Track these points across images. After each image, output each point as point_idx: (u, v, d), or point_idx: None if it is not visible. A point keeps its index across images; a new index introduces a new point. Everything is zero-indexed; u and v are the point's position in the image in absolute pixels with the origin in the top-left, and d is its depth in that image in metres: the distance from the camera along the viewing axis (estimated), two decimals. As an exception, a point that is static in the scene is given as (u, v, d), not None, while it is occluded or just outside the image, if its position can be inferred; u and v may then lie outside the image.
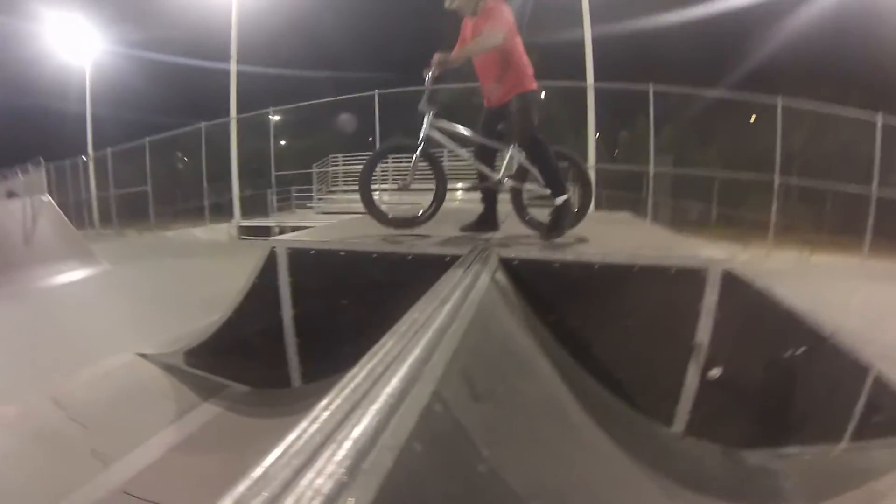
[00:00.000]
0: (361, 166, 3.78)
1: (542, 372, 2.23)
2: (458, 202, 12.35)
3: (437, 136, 3.65)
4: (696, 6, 16.06)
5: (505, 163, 3.78)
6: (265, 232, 14.19)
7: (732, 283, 2.93)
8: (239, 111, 15.45)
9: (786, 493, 2.77)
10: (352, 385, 1.04)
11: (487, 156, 3.82)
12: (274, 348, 3.50)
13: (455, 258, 2.98)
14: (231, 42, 14.87)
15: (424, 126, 3.59)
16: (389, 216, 3.84)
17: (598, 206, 12.63)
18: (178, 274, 9.18)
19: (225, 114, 15.62)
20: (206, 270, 9.47)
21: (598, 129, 13.11)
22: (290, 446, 0.82)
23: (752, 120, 15.87)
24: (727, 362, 3.02)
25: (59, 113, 23.19)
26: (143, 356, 4.11)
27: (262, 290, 3.47)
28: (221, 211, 17.04)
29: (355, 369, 1.11)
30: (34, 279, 7.82)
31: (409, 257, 3.21)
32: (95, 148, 19.89)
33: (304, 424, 0.88)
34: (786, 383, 2.99)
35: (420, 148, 3.58)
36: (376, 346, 1.25)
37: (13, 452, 2.85)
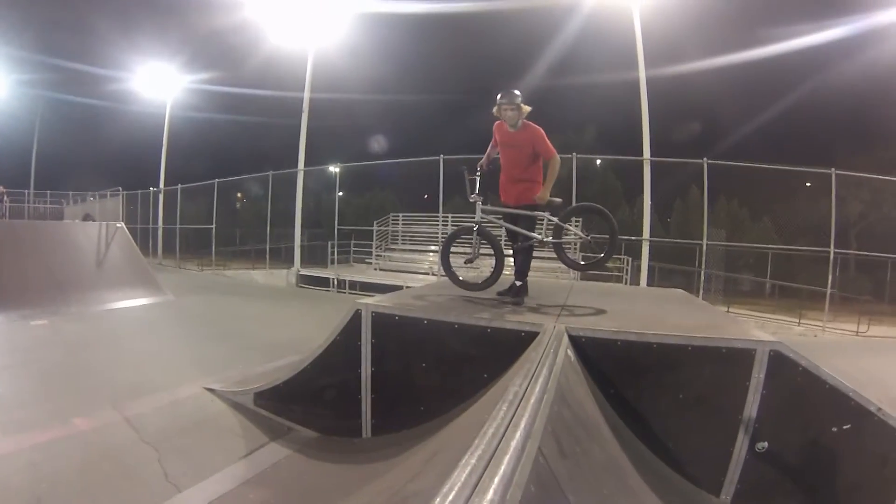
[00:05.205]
0: (442, 244, 4.83)
1: (604, 438, 2.49)
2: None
3: (487, 217, 4.64)
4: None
5: (544, 227, 4.57)
6: (323, 282, 14.62)
7: (779, 362, 3.10)
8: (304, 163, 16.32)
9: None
10: (484, 442, 1.40)
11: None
12: (348, 400, 3.76)
13: (529, 333, 3.29)
14: (304, 101, 15.93)
15: (476, 213, 4.55)
16: (461, 279, 4.84)
17: (650, 280, 12.64)
18: (239, 313, 9.49)
19: (290, 164, 16.55)
20: (267, 313, 9.85)
21: (651, 199, 13.26)
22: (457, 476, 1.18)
23: (807, 184, 15.57)
24: (774, 437, 3.14)
25: (139, 150, 25.72)
26: (211, 391, 4.46)
27: (343, 346, 3.79)
28: (279, 257, 17.82)
29: (486, 426, 1.47)
30: (104, 301, 8.45)
31: (489, 330, 3.48)
32: (167, 184, 21.64)
33: (465, 457, 1.24)
34: (831, 459, 3.09)
35: (476, 229, 4.56)
36: (495, 410, 1.59)
37: (91, 465, 3.15)
